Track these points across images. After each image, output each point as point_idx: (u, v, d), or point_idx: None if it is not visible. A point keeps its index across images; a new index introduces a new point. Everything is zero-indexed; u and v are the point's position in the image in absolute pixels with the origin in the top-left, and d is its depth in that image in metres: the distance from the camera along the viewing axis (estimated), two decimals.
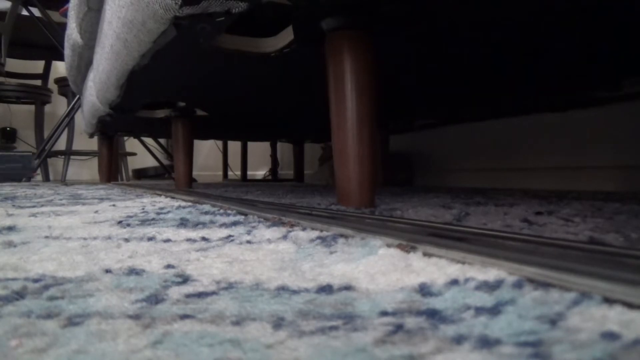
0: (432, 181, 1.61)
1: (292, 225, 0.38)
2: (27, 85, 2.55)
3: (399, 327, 0.15)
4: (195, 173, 1.73)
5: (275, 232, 0.35)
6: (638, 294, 0.15)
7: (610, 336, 0.13)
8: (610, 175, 1.09)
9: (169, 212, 0.52)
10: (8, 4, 2.03)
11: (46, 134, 2.41)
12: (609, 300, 0.16)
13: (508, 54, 0.75)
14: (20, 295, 0.19)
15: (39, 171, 2.34)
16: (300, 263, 0.25)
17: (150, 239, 0.34)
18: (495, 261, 0.21)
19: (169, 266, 0.25)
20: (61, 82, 2.57)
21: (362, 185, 0.56)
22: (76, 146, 2.58)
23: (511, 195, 0.88)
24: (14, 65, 2.49)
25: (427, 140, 1.62)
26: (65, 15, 1.44)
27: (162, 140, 2.67)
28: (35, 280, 0.22)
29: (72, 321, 0.16)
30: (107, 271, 0.24)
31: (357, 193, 0.56)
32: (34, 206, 0.63)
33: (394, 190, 1.13)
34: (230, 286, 0.21)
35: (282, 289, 0.20)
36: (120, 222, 0.44)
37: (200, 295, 0.19)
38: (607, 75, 0.91)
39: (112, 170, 1.96)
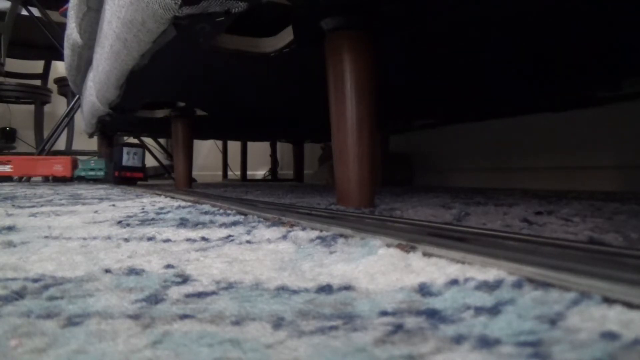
0: (432, 181, 1.61)
1: (291, 225, 0.38)
2: (27, 85, 2.55)
3: (398, 327, 0.15)
4: (195, 173, 1.73)
5: (275, 232, 0.35)
6: (638, 294, 0.15)
7: (609, 336, 0.13)
8: (610, 175, 1.09)
9: (168, 212, 0.52)
10: (8, 4, 2.03)
11: (46, 133, 2.41)
12: (608, 300, 0.16)
13: (508, 54, 0.75)
14: (19, 295, 0.19)
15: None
16: (300, 263, 0.25)
17: (150, 238, 0.34)
18: (495, 261, 0.21)
19: (168, 266, 0.25)
20: (61, 82, 2.58)
21: (361, 185, 0.56)
22: (76, 146, 2.58)
23: (511, 195, 0.88)
24: (13, 65, 2.49)
25: (427, 140, 1.62)
26: (64, 15, 1.44)
27: (162, 140, 2.67)
28: (35, 280, 0.22)
29: (72, 321, 0.16)
30: (107, 271, 0.24)
31: (356, 193, 0.56)
32: (33, 206, 0.63)
33: (393, 190, 1.13)
34: (230, 286, 0.21)
35: (282, 288, 0.20)
36: (120, 222, 0.44)
37: (200, 295, 0.19)
38: (607, 75, 0.91)
39: None
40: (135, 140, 2.29)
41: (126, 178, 1.51)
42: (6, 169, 1.74)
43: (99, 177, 1.71)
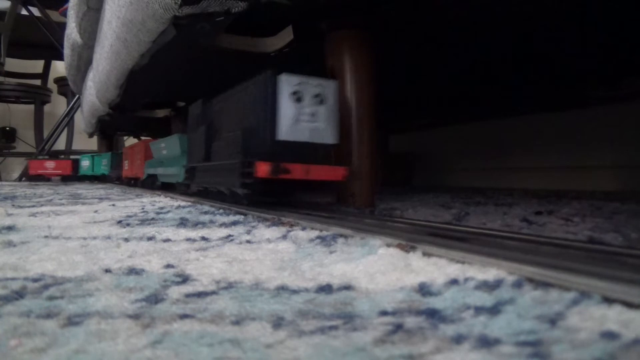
0: (432, 181, 1.61)
1: (291, 225, 0.38)
2: (27, 85, 2.55)
3: (398, 327, 0.15)
4: None
5: (274, 232, 0.35)
6: (638, 294, 0.15)
7: (609, 336, 0.13)
8: (610, 175, 1.09)
9: (168, 211, 0.52)
10: (8, 4, 2.03)
11: (45, 133, 2.41)
12: (608, 300, 0.16)
13: (508, 53, 0.75)
14: (19, 294, 0.19)
15: None
16: (300, 263, 0.25)
17: (149, 238, 0.34)
18: (494, 261, 0.21)
19: (168, 266, 0.25)
20: (60, 81, 2.58)
21: (362, 185, 0.56)
22: (76, 146, 2.58)
23: (511, 195, 0.88)
24: (13, 64, 2.49)
25: (427, 140, 1.62)
26: (64, 14, 1.44)
27: None
28: (35, 280, 0.22)
29: (72, 321, 0.16)
30: (107, 271, 0.24)
31: (357, 193, 0.56)
32: (33, 206, 0.63)
33: (393, 190, 1.13)
34: (229, 286, 0.21)
35: (282, 288, 0.20)
36: (119, 222, 0.44)
37: (200, 294, 0.19)
38: (606, 75, 0.91)
39: None
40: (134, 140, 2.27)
41: (291, 186, 0.49)
42: None
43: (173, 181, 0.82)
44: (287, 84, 0.46)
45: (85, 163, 1.90)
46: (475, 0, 0.54)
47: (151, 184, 1.00)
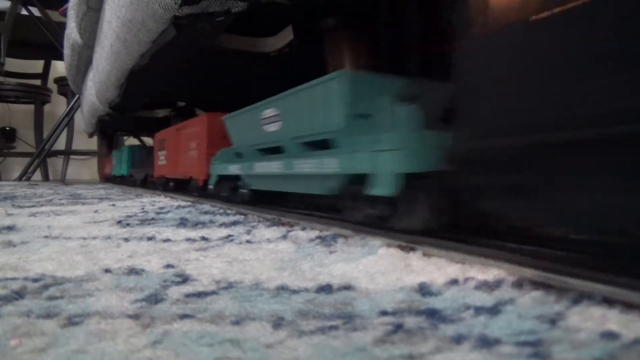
0: None
1: (291, 225, 0.38)
2: (27, 85, 2.55)
3: (398, 327, 0.15)
4: None
5: (274, 232, 0.35)
6: (638, 294, 0.15)
7: (609, 336, 0.13)
8: None
9: (168, 211, 0.52)
10: (8, 4, 2.03)
11: (45, 133, 2.41)
12: (608, 300, 0.16)
13: None
14: (19, 294, 0.19)
15: None
16: (300, 263, 0.25)
17: (149, 238, 0.34)
18: (495, 261, 0.21)
19: (168, 266, 0.25)
20: (60, 81, 2.58)
21: None
22: (75, 146, 2.58)
23: None
24: (13, 64, 2.49)
25: None
26: (64, 14, 1.44)
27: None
28: (35, 280, 0.22)
29: (72, 321, 0.16)
30: (107, 271, 0.24)
31: None
32: (33, 206, 0.63)
33: None
34: (229, 286, 0.21)
35: (282, 288, 0.20)
36: (119, 222, 0.44)
37: (200, 294, 0.19)
38: None
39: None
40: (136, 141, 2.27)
41: None
42: None
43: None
44: None
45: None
46: None
47: (228, 193, 0.56)
